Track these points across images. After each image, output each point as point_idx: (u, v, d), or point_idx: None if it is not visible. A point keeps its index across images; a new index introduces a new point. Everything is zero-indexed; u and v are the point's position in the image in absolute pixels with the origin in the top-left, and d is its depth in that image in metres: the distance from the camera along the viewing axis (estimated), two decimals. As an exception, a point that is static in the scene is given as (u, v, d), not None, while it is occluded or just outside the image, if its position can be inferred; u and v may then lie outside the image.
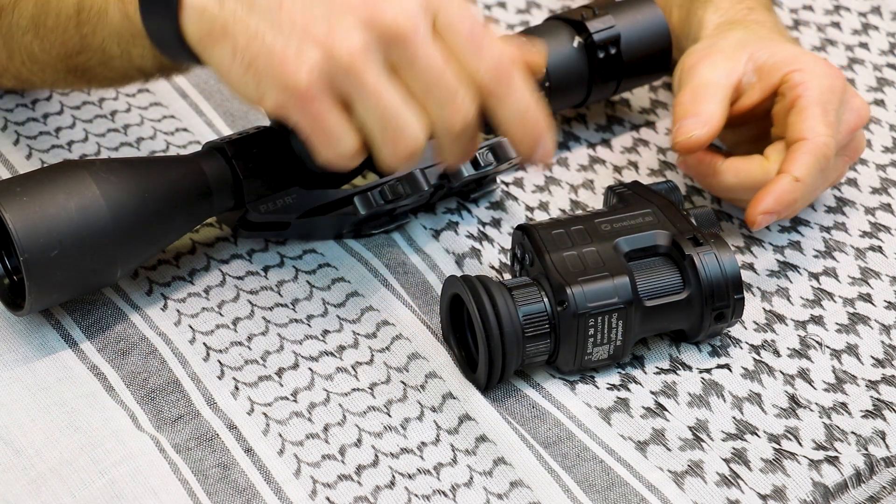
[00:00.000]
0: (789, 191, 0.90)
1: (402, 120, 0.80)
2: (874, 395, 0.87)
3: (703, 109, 0.92)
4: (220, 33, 0.81)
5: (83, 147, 1.01)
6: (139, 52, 0.87)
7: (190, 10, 0.82)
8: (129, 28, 0.86)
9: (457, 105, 0.81)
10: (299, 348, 0.89)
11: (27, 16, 0.90)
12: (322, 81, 0.80)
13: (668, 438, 0.85)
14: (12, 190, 0.84)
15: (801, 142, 0.91)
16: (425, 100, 0.81)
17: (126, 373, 0.88)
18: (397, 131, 0.80)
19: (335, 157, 0.82)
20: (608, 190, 0.93)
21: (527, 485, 0.82)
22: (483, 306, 0.83)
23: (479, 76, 0.81)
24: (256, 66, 0.80)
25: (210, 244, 0.95)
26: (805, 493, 0.82)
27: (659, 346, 0.90)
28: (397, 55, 0.80)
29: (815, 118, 0.91)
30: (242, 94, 0.82)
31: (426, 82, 0.80)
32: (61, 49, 0.90)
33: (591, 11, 0.99)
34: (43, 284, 0.84)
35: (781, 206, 0.91)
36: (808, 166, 0.91)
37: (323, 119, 0.80)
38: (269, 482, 0.82)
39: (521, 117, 0.82)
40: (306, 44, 0.79)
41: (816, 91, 0.92)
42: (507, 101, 0.82)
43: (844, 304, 0.93)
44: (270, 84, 0.80)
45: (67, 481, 0.82)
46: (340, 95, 0.80)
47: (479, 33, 0.81)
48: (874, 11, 1.16)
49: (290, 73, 0.79)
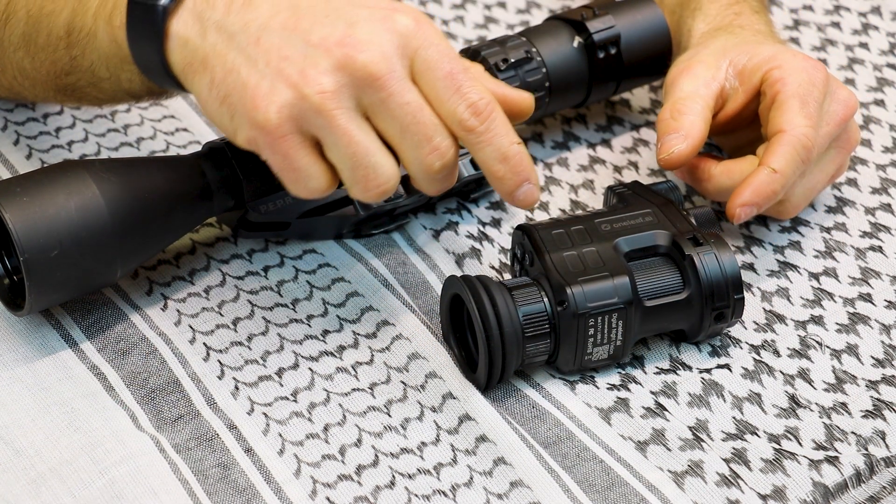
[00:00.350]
0: (767, 182, 0.90)
1: (372, 160, 0.80)
2: (874, 395, 0.87)
3: (683, 123, 0.92)
4: (200, 65, 0.82)
5: (83, 147, 1.01)
6: (127, 76, 0.87)
7: (174, 39, 0.82)
8: (118, 52, 0.86)
9: (433, 146, 0.81)
10: (299, 348, 0.89)
11: (18, 33, 0.90)
12: (292, 121, 0.80)
13: (668, 438, 0.85)
14: (12, 190, 0.84)
15: (778, 134, 0.91)
16: (401, 142, 0.81)
17: (126, 373, 0.88)
18: (368, 171, 0.80)
19: (305, 193, 0.82)
20: (608, 190, 0.93)
21: (527, 485, 0.82)
22: (483, 306, 0.83)
23: (458, 115, 0.81)
24: (230, 101, 0.81)
25: (210, 244, 0.95)
26: (805, 493, 0.82)
27: (659, 346, 0.90)
28: (371, 98, 0.80)
29: (792, 111, 0.91)
30: (218, 126, 0.83)
31: (401, 124, 0.80)
32: (51, 68, 0.90)
33: (591, 11, 0.99)
34: (43, 284, 0.84)
35: (760, 197, 0.90)
36: (785, 157, 0.90)
37: (291, 157, 0.81)
38: (269, 482, 0.82)
39: (502, 158, 0.82)
40: (279, 82, 0.80)
41: (794, 85, 0.92)
42: (488, 141, 0.82)
43: (844, 304, 0.93)
44: (242, 119, 0.81)
45: (67, 481, 0.82)
46: (311, 135, 0.81)
47: (459, 73, 0.81)
48: (874, 11, 1.16)
49: (261, 110, 0.80)
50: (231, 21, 0.82)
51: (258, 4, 0.82)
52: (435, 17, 1.14)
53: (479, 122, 0.81)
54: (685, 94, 0.93)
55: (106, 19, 0.86)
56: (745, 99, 0.95)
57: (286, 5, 0.82)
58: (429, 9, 1.14)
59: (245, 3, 0.82)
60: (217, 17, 0.82)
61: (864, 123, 1.06)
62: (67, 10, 0.88)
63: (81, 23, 0.87)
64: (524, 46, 0.97)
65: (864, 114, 1.07)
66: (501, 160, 0.82)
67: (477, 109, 0.81)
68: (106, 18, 0.86)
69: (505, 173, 0.83)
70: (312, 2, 0.82)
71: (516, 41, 0.97)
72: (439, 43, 0.82)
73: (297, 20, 0.81)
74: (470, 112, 0.81)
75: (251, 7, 0.82)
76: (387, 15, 0.81)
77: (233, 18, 0.82)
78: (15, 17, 0.90)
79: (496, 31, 1.13)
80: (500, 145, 0.82)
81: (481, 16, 1.14)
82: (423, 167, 0.81)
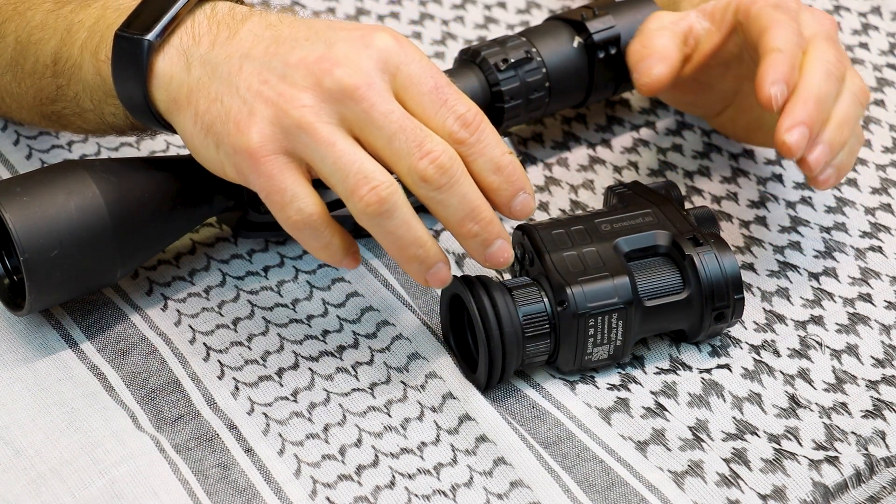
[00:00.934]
0: (781, 60, 0.87)
1: (362, 166, 0.79)
2: (874, 395, 0.87)
3: (656, 47, 0.90)
4: (184, 100, 0.82)
5: (83, 147, 1.01)
6: (111, 110, 0.87)
7: (159, 78, 0.82)
8: (102, 86, 0.86)
9: (424, 150, 0.79)
10: (299, 348, 0.89)
11: (7, 57, 0.90)
12: (274, 141, 0.79)
13: (668, 438, 0.85)
14: (12, 190, 0.84)
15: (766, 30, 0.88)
16: (391, 153, 0.79)
17: (126, 373, 0.88)
18: (359, 177, 0.78)
19: (296, 216, 0.80)
20: (608, 190, 0.93)
21: (527, 485, 0.82)
22: (483, 306, 0.83)
23: (448, 128, 0.80)
24: (214, 130, 0.81)
25: (210, 244, 0.95)
26: (805, 493, 0.82)
27: (659, 346, 0.90)
28: (353, 111, 0.79)
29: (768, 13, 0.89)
30: (205, 161, 0.83)
31: (387, 134, 0.79)
32: (37, 94, 0.90)
33: (591, 11, 0.99)
34: (43, 284, 0.84)
35: (783, 74, 0.86)
36: (780, 37, 0.87)
37: (276, 178, 0.80)
38: (269, 482, 0.82)
39: (495, 168, 0.81)
40: (258, 104, 0.80)
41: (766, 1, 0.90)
42: (480, 152, 0.81)
43: (844, 305, 0.93)
44: (226, 147, 0.80)
45: (67, 481, 0.82)
46: (297, 156, 0.80)
47: (444, 87, 0.81)
48: (874, 11, 1.16)
49: (243, 133, 0.79)
50: (215, 54, 0.82)
51: (242, 36, 0.82)
52: (435, 17, 1.14)
53: (470, 133, 0.81)
54: (651, 28, 0.92)
55: (92, 52, 0.85)
56: (721, 37, 0.93)
57: (269, 35, 0.82)
58: (429, 9, 1.14)
59: (229, 37, 0.82)
60: (202, 51, 0.82)
61: (864, 123, 1.06)
62: (55, 40, 0.87)
63: (68, 53, 0.87)
64: (524, 46, 0.97)
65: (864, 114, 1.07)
66: (495, 170, 0.82)
67: (466, 121, 0.81)
68: (92, 51, 0.85)
69: (500, 184, 0.82)
70: (293, 29, 0.82)
71: (516, 41, 0.97)
72: (421, 59, 0.81)
73: (278, 46, 0.81)
74: (460, 124, 0.80)
75: (235, 39, 0.82)
76: (366, 34, 0.81)
77: (216, 51, 0.82)
78: (4, 41, 0.90)
79: (496, 31, 1.13)
80: (493, 155, 0.81)
81: (481, 16, 1.14)
82: (418, 175, 0.79)
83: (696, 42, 0.94)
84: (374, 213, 0.79)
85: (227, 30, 0.83)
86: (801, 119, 0.85)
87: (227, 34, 0.82)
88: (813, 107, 0.86)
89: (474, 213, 0.81)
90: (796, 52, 0.88)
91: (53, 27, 0.88)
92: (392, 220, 0.80)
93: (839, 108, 0.88)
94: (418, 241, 0.81)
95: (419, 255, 0.81)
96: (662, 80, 0.90)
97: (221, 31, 0.83)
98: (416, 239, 0.81)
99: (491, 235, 0.82)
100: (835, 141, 0.87)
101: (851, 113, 0.89)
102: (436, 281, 0.82)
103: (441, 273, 0.82)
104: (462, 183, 0.80)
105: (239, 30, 0.83)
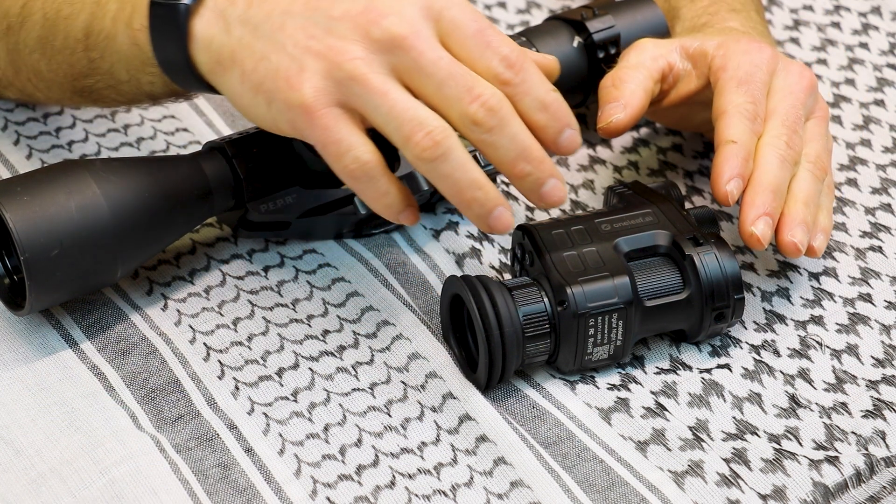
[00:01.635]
0: (734, 153, 0.88)
1: (416, 113, 0.80)
2: (874, 395, 0.87)
3: (623, 93, 0.91)
4: (228, 61, 0.82)
5: (83, 147, 1.01)
6: (148, 78, 0.88)
7: (199, 40, 0.83)
8: (139, 55, 0.86)
9: (474, 94, 0.80)
10: (299, 348, 0.89)
11: (34, 35, 0.91)
12: (328, 94, 0.80)
13: (668, 438, 0.85)
14: (13, 189, 0.84)
15: (721, 115, 0.90)
16: (441, 99, 0.80)
17: (126, 373, 0.88)
18: (414, 124, 0.80)
19: (354, 165, 0.81)
20: (608, 190, 0.93)
21: (527, 485, 0.82)
22: (483, 306, 0.84)
23: (493, 69, 0.81)
24: (265, 88, 0.81)
25: (210, 244, 0.95)
26: (805, 493, 0.82)
27: (659, 346, 0.90)
28: (402, 60, 0.80)
29: (730, 92, 0.90)
30: (255, 119, 0.83)
31: (437, 81, 0.80)
32: (69, 70, 0.90)
33: (591, 11, 0.99)
34: (43, 284, 0.84)
35: (735, 169, 0.88)
36: (735, 126, 0.89)
37: (331, 129, 0.81)
38: (270, 482, 0.82)
39: (541, 106, 0.82)
40: (308, 59, 0.80)
41: (733, 69, 0.91)
42: (525, 91, 0.82)
43: (844, 304, 0.93)
44: (279, 104, 0.81)
45: (68, 481, 0.82)
46: (350, 107, 0.81)
47: (487, 29, 0.82)
48: (874, 11, 1.16)
49: (295, 89, 0.80)
50: (253, 13, 0.82)
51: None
52: (435, 17, 1.14)
53: (514, 73, 0.81)
54: (629, 64, 0.93)
55: (126, 22, 0.86)
56: (700, 84, 0.94)
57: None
58: None
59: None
60: (239, 12, 0.83)
61: (864, 123, 1.06)
62: (85, 14, 0.88)
63: (100, 26, 0.87)
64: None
65: (864, 114, 1.07)
66: (541, 108, 0.82)
67: (510, 62, 0.81)
68: (125, 21, 0.86)
69: (547, 121, 0.83)
70: None
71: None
72: (462, 3, 0.82)
73: (317, 1, 0.82)
74: (504, 65, 0.81)
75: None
76: None
77: (254, 11, 0.82)
78: (31, 19, 0.90)
79: (496, 31, 1.13)
80: (538, 94, 0.82)
81: (481, 16, 1.14)
82: (469, 119, 0.80)
83: (675, 80, 0.94)
84: (429, 158, 0.80)
85: None
86: (762, 211, 0.87)
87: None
88: (770, 197, 0.88)
89: (526, 153, 0.82)
90: (750, 142, 0.89)
91: (81, 1, 0.88)
92: (448, 163, 0.81)
93: (800, 189, 0.90)
94: (476, 183, 0.82)
95: (478, 198, 0.82)
96: (620, 129, 0.91)
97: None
98: (473, 180, 0.82)
99: (543, 174, 0.83)
100: (807, 220, 0.89)
101: (813, 189, 0.91)
102: (499, 225, 0.83)
103: (504, 217, 0.83)
104: (512, 124, 0.81)
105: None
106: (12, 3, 0.92)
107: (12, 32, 0.92)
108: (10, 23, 0.92)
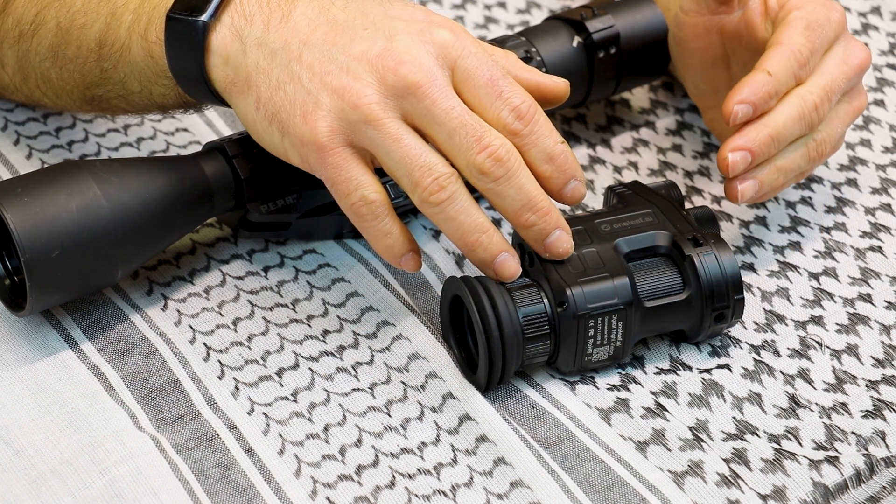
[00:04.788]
0: (762, 83, 0.88)
1: (426, 159, 0.81)
2: (874, 395, 0.87)
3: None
4: (244, 83, 0.83)
5: (83, 147, 1.01)
6: (160, 90, 0.88)
7: (216, 57, 0.84)
8: (153, 68, 0.87)
9: (483, 144, 0.81)
10: (299, 348, 0.89)
11: (47, 44, 0.91)
12: (341, 133, 0.82)
13: (668, 438, 0.85)
14: (13, 190, 0.84)
15: (775, 45, 0.90)
16: (451, 147, 0.82)
17: (126, 373, 0.88)
18: (423, 170, 0.81)
19: (360, 204, 0.83)
20: (608, 190, 0.93)
21: (527, 485, 0.82)
22: (483, 307, 0.84)
23: (503, 120, 0.82)
24: (280, 119, 0.83)
25: (210, 244, 0.95)
26: (805, 493, 0.82)
27: (659, 346, 0.90)
28: (415, 107, 0.82)
29: (795, 30, 0.90)
30: (267, 145, 0.85)
31: (448, 129, 0.82)
32: (80, 79, 0.91)
33: (591, 11, 0.99)
34: (44, 285, 0.84)
35: (756, 97, 0.88)
36: (779, 61, 0.89)
37: (343, 167, 0.82)
38: (270, 482, 0.82)
39: (547, 158, 0.84)
40: (323, 95, 0.81)
41: (806, 11, 0.91)
42: (533, 143, 0.83)
43: (844, 305, 0.93)
44: (293, 137, 0.82)
45: (68, 481, 0.82)
46: (360, 146, 0.82)
47: (499, 79, 0.83)
48: (874, 11, 1.16)
49: (310, 125, 0.82)
50: (271, 38, 0.83)
51: (296, 20, 0.83)
52: (435, 17, 1.14)
53: (524, 124, 0.83)
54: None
55: (141, 34, 0.86)
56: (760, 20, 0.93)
57: (324, 20, 0.83)
58: (429, 9, 1.14)
59: (283, 19, 0.83)
60: (257, 33, 0.83)
61: (864, 123, 1.06)
62: (100, 24, 0.88)
63: (115, 37, 0.87)
64: (524, 46, 0.97)
65: (864, 114, 1.07)
66: (548, 160, 0.84)
67: (520, 113, 0.83)
68: (141, 33, 0.86)
69: (552, 172, 0.84)
70: (350, 16, 0.84)
71: (516, 41, 0.97)
72: (477, 51, 0.83)
73: (336, 35, 0.83)
74: (514, 116, 0.83)
75: (289, 23, 0.83)
76: (424, 28, 0.83)
77: (272, 35, 0.83)
78: (44, 27, 0.91)
79: (496, 31, 1.13)
80: (546, 146, 0.83)
81: (481, 16, 1.14)
82: (476, 168, 0.82)
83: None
84: (435, 202, 0.82)
85: (280, 11, 0.84)
86: (749, 146, 0.88)
87: (279, 16, 0.84)
88: (767, 139, 0.88)
89: (531, 204, 0.83)
90: (785, 81, 0.89)
91: (96, 11, 0.88)
92: (453, 206, 0.82)
93: (787, 155, 0.90)
94: (481, 227, 0.83)
95: (482, 242, 0.83)
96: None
97: (273, 11, 0.84)
98: (478, 224, 0.83)
99: (549, 226, 0.84)
100: (765, 183, 0.89)
101: (795, 166, 0.91)
102: (503, 270, 0.84)
103: (508, 264, 0.84)
104: (519, 174, 0.82)
105: (291, 12, 0.84)
106: (25, 10, 0.92)
107: (24, 40, 0.92)
108: (23, 30, 0.92)
